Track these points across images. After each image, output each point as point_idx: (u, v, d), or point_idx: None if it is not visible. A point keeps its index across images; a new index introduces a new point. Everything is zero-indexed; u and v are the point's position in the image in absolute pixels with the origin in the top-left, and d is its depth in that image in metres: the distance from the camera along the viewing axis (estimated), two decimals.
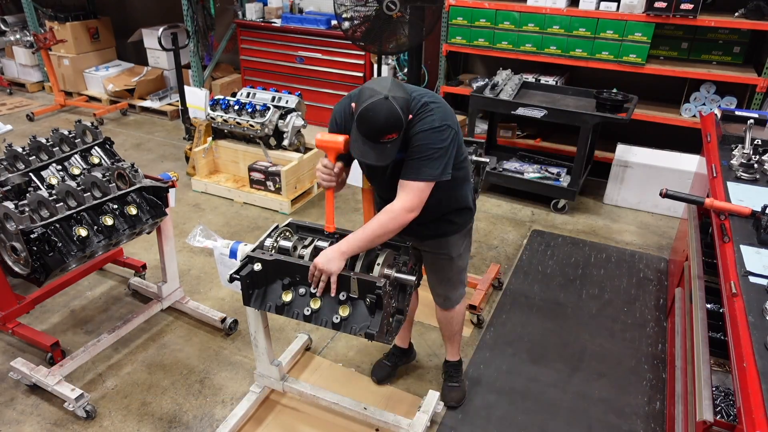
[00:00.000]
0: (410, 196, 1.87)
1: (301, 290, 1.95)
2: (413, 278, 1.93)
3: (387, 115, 1.73)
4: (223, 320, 2.98)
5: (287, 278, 1.97)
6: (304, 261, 1.97)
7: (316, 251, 2.00)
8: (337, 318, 1.88)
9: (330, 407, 2.45)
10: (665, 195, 2.28)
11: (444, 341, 2.63)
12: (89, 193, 2.45)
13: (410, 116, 1.84)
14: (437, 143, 1.86)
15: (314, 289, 1.92)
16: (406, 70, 5.31)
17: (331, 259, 1.86)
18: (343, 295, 1.89)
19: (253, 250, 2.03)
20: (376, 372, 2.73)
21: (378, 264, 1.92)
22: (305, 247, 2.06)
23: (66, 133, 2.87)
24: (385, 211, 1.88)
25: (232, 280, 1.96)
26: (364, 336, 1.84)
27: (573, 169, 4.13)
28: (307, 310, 1.91)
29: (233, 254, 2.16)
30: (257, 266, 1.96)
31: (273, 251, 2.05)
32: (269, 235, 2.10)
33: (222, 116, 4.35)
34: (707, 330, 2.00)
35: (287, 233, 2.15)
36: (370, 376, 2.74)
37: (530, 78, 4.66)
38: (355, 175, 2.97)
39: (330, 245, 1.96)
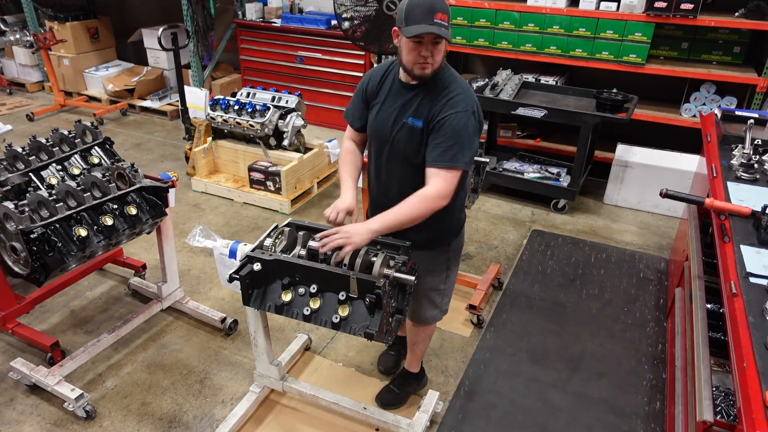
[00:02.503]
0: (445, 184, 1.87)
1: (301, 290, 1.94)
2: (412, 278, 1.93)
3: None
4: (223, 320, 2.98)
5: (287, 278, 1.97)
6: (304, 261, 1.97)
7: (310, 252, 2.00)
8: (336, 318, 1.88)
9: (330, 407, 2.45)
10: (665, 195, 2.28)
11: (407, 347, 2.55)
12: (89, 193, 2.45)
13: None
14: (470, 127, 1.88)
15: (321, 248, 1.86)
16: None
17: (358, 231, 1.84)
18: (343, 295, 1.89)
19: (253, 250, 2.03)
20: (381, 362, 2.76)
21: (376, 264, 1.91)
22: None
23: (66, 133, 2.87)
24: (418, 195, 1.87)
25: (231, 279, 1.96)
26: (364, 336, 1.84)
27: (573, 169, 4.13)
28: (307, 310, 1.91)
29: (233, 254, 2.16)
30: (257, 266, 1.95)
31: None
32: (269, 235, 2.10)
33: (222, 116, 4.35)
34: (707, 330, 2.00)
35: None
36: (377, 365, 2.76)
37: (530, 78, 4.66)
38: None
39: (332, 251, 1.97)
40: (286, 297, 1.95)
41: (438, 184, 1.87)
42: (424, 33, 1.79)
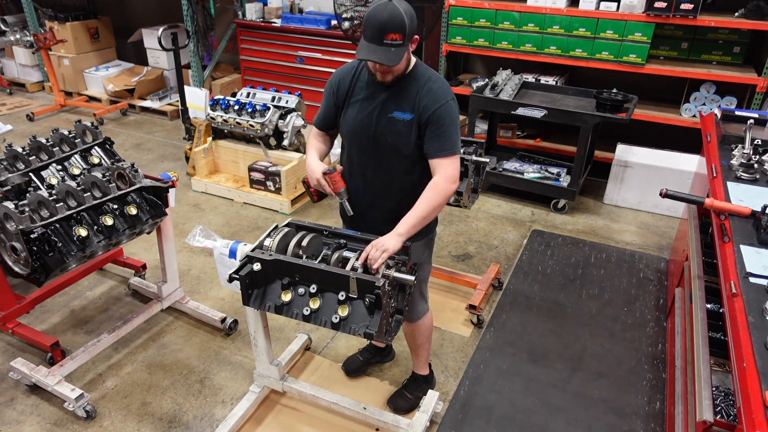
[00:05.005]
0: (451, 169, 1.95)
1: (301, 290, 1.95)
2: (412, 278, 1.93)
3: (389, 14, 1.78)
4: (223, 320, 2.98)
5: (286, 278, 1.97)
6: (303, 261, 1.97)
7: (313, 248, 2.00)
8: (336, 318, 1.88)
9: (330, 407, 2.45)
10: (665, 195, 2.28)
11: (411, 352, 2.57)
12: (89, 193, 2.45)
13: (414, 40, 1.89)
14: (456, 115, 1.97)
15: (372, 267, 1.90)
16: None
17: (391, 240, 1.90)
18: (342, 295, 1.89)
19: (253, 250, 2.03)
20: (347, 364, 2.75)
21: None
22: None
23: (66, 133, 2.87)
24: (432, 188, 1.95)
25: (231, 279, 1.96)
26: (364, 336, 1.84)
27: (573, 169, 4.12)
28: (307, 310, 1.91)
29: (233, 254, 2.17)
30: (256, 266, 1.96)
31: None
32: (269, 235, 2.10)
33: (222, 116, 4.35)
34: (707, 330, 2.00)
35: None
36: (342, 365, 2.76)
37: (530, 78, 4.66)
38: None
39: (332, 252, 1.98)
40: (286, 297, 1.96)
41: (447, 171, 1.95)
42: (366, 59, 1.84)
